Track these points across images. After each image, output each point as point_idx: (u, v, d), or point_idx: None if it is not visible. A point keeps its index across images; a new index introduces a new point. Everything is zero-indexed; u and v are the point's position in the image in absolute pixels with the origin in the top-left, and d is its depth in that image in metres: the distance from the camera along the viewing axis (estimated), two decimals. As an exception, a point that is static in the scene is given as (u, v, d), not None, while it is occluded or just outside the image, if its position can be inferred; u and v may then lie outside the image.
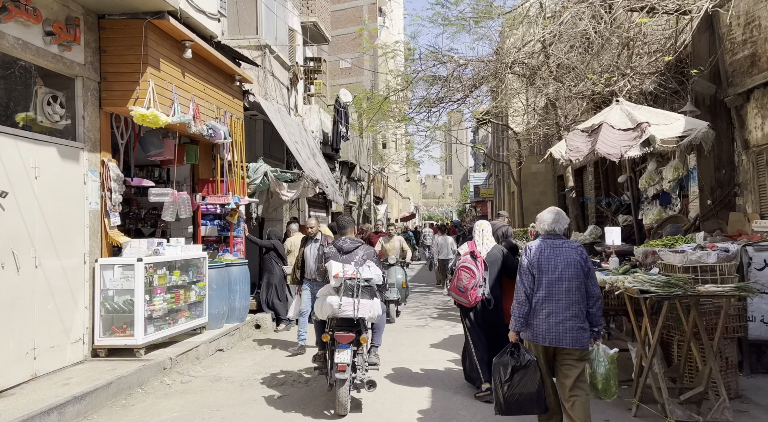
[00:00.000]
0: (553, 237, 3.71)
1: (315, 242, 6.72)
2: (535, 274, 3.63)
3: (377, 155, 27.03)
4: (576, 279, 3.57)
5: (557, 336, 3.52)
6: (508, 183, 23.55)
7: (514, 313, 3.67)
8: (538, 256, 3.64)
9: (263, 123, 9.55)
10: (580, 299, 3.57)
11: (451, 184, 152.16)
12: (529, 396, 3.56)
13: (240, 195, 8.14)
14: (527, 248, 3.77)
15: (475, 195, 47.57)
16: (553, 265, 3.60)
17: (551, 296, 3.57)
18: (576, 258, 3.60)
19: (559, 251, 3.63)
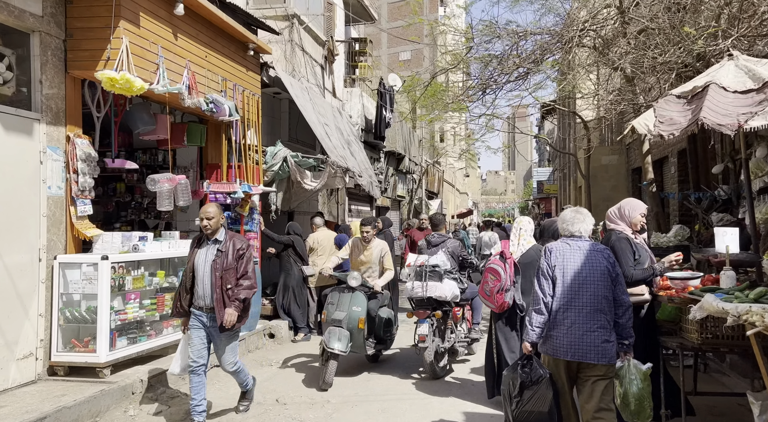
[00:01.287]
0: (577, 239, 3.39)
1: None
2: (556, 279, 3.30)
3: (433, 149, 25.53)
4: (603, 286, 3.25)
5: (580, 350, 3.19)
6: (575, 177, 21.48)
7: (530, 322, 3.34)
8: (561, 259, 3.32)
9: (289, 103, 8.39)
10: (606, 308, 3.25)
11: (514, 180, 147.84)
12: (539, 417, 3.25)
13: (254, 183, 7.02)
14: (546, 249, 3.44)
15: (539, 192, 45.11)
16: (576, 269, 3.28)
17: (574, 304, 3.24)
18: (602, 263, 3.29)
19: (584, 255, 3.31)
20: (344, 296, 5.55)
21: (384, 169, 15.52)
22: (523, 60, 9.50)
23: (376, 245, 6.04)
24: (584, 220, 3.45)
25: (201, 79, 5.99)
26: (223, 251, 4.11)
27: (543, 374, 3.27)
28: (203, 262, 4.15)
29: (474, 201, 60.96)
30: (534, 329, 3.31)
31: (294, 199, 8.10)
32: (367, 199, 15.22)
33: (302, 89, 8.49)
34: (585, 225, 3.44)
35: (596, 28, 9.19)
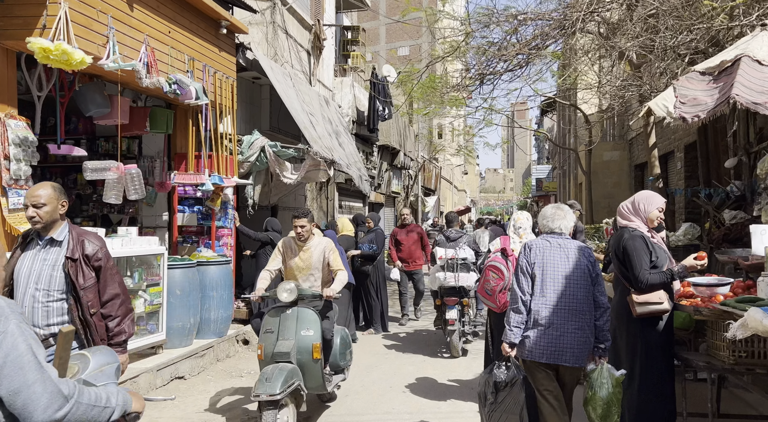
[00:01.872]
0: (557, 236, 3.28)
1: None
2: (535, 277, 3.19)
3: (430, 144, 24.88)
4: (582, 286, 3.14)
5: (557, 351, 3.09)
6: (575, 174, 20.87)
7: (508, 322, 3.23)
8: (540, 256, 3.21)
9: (270, 90, 7.75)
10: (586, 309, 3.13)
11: (512, 178, 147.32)
12: (511, 421, 3.16)
13: (227, 175, 6.39)
14: (526, 246, 3.33)
15: (538, 189, 44.53)
16: (556, 267, 3.18)
17: (554, 304, 3.13)
18: (583, 261, 3.18)
19: (564, 252, 3.20)
20: (287, 317, 4.03)
21: (378, 164, 14.89)
22: (523, 45, 8.88)
23: (316, 244, 4.43)
24: (565, 216, 3.31)
25: (163, 57, 5.36)
26: (74, 258, 2.71)
27: (517, 375, 3.18)
28: (26, 273, 2.69)
29: (472, 199, 60.35)
30: (512, 329, 3.18)
31: (273, 193, 7.47)
32: (359, 195, 14.59)
33: (285, 75, 7.85)
34: (566, 222, 3.30)
35: (600, 11, 8.55)
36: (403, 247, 8.11)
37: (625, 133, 17.12)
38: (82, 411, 1.49)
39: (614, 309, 3.32)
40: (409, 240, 8.11)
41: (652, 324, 3.14)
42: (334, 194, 12.28)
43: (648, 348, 3.16)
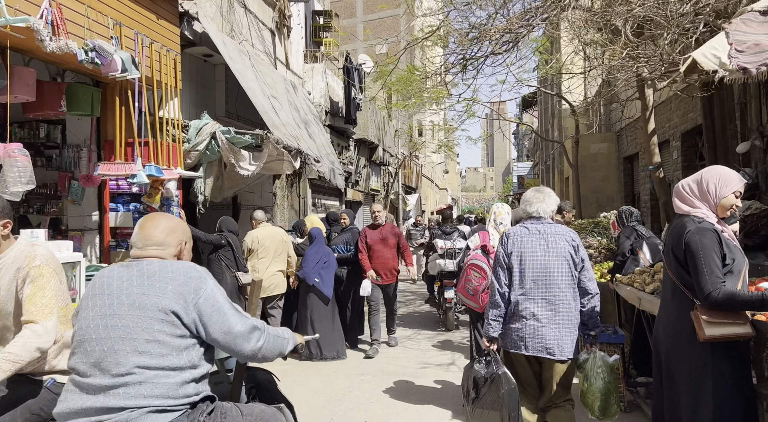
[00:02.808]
0: (536, 221, 3.10)
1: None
2: (513, 267, 3.04)
3: (410, 141, 23.97)
4: (566, 273, 2.97)
5: (541, 344, 2.94)
6: (560, 169, 20.17)
7: (487, 315, 3.11)
8: (518, 245, 3.04)
9: (226, 70, 6.73)
10: (571, 298, 2.97)
11: (492, 176, 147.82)
12: (493, 417, 2.96)
13: (168, 165, 5.36)
14: (503, 235, 3.14)
15: (519, 186, 44.01)
16: (534, 255, 3.01)
17: (534, 294, 2.98)
18: (565, 248, 3.00)
19: (544, 239, 3.03)
20: None
21: (354, 159, 13.93)
22: (513, 20, 7.99)
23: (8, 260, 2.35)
24: (544, 199, 3.14)
25: (77, 17, 4.32)
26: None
27: (498, 371, 3.01)
28: None
29: (453, 197, 59.70)
30: (490, 322, 3.08)
31: (228, 187, 6.45)
32: (335, 192, 13.59)
33: (242, 53, 6.83)
34: (544, 205, 3.13)
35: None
36: (376, 254, 6.31)
37: (613, 124, 16.42)
38: (271, 340, 1.99)
39: (669, 325, 2.42)
40: (383, 245, 6.37)
41: (728, 351, 2.22)
42: (307, 191, 11.28)
43: (719, 382, 2.25)
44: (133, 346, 1.74)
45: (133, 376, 1.72)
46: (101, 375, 1.73)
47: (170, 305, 1.80)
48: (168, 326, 1.78)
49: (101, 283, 1.88)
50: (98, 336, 1.77)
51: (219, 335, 1.85)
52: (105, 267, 2.33)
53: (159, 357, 1.75)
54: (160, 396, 1.72)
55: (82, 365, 1.77)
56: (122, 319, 1.77)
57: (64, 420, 1.74)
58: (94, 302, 1.84)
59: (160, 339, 1.77)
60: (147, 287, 1.82)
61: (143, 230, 1.98)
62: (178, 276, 1.86)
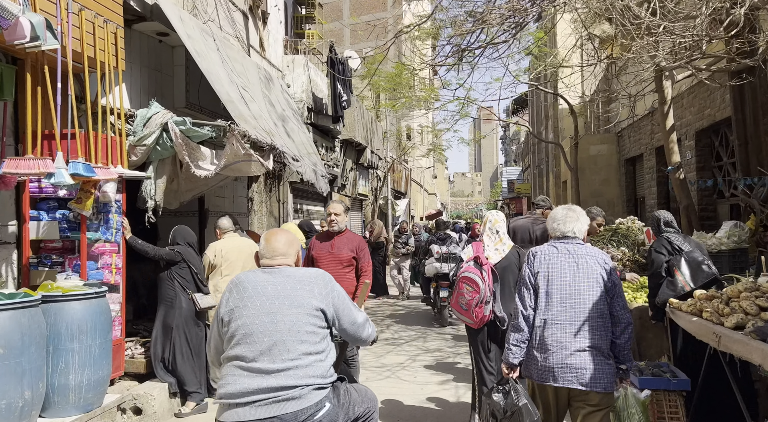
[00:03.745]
0: (566, 240, 2.92)
1: None
2: (539, 288, 2.83)
3: (400, 146, 22.99)
4: (597, 297, 2.75)
5: (568, 374, 2.70)
6: (555, 172, 19.32)
7: (509, 340, 2.89)
8: (546, 264, 2.85)
9: (186, 53, 5.67)
10: (601, 324, 2.74)
11: (480, 182, 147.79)
12: None
13: (106, 163, 4.31)
14: (530, 253, 2.96)
15: (509, 191, 43.27)
16: (563, 276, 2.80)
17: (562, 318, 2.75)
18: (597, 270, 2.80)
19: (573, 259, 2.83)
20: None
21: (340, 161, 12.91)
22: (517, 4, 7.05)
23: None
24: (578, 219, 2.97)
25: (-34, -35, 3.27)
26: None
27: (521, 402, 2.73)
28: None
29: (442, 202, 58.89)
30: (511, 348, 2.85)
31: (185, 191, 5.40)
32: (319, 197, 12.56)
33: (205, 33, 5.81)
34: (579, 225, 2.95)
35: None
36: None
37: (613, 125, 15.60)
38: (372, 328, 2.50)
39: None
40: (333, 263, 4.43)
41: None
42: (288, 196, 10.24)
43: None
44: (298, 337, 2.16)
45: (301, 361, 2.15)
46: (271, 361, 2.12)
47: (318, 304, 2.24)
48: (318, 320, 2.23)
49: (253, 287, 2.25)
50: (265, 330, 2.16)
51: (348, 325, 2.35)
52: (242, 273, 2.43)
53: (314, 344, 2.19)
54: (319, 376, 2.16)
55: (249, 353, 2.15)
56: (285, 316, 2.18)
57: (238, 398, 2.09)
58: (252, 302, 2.21)
59: (314, 331, 2.21)
60: (299, 290, 2.24)
61: (269, 243, 2.39)
62: (318, 281, 2.30)
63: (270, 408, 2.07)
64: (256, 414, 2.07)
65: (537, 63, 14.61)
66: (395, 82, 16.23)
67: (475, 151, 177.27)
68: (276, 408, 2.08)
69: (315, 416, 2.12)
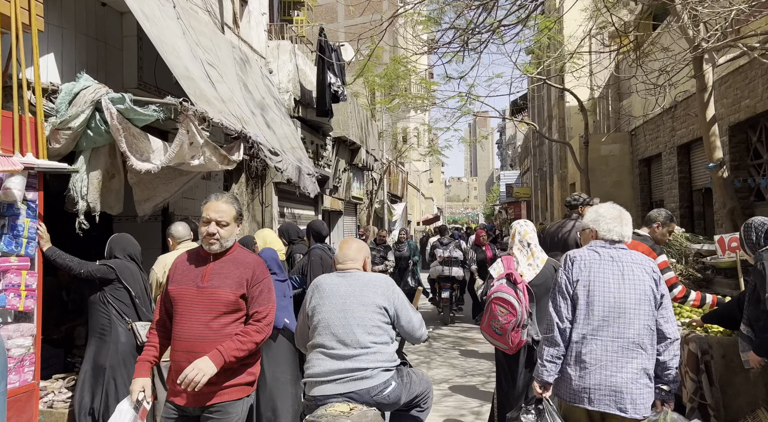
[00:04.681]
0: (609, 245, 2.63)
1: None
2: (578, 299, 2.53)
3: (396, 148, 21.91)
4: (643, 311, 2.46)
5: (607, 396, 2.42)
6: (562, 174, 18.28)
7: (540, 355, 2.60)
8: (586, 272, 2.55)
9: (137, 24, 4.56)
10: (647, 342, 2.46)
11: (476, 186, 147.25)
12: None
13: (6, 149, 3.21)
14: (568, 258, 2.64)
15: (508, 195, 42.27)
16: (607, 287, 2.51)
17: (603, 334, 2.46)
18: (644, 280, 2.51)
19: (618, 268, 2.55)
20: None
21: (332, 160, 11.83)
22: None
23: None
24: (628, 222, 2.69)
25: None
26: None
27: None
28: None
29: (439, 207, 57.88)
30: (545, 364, 2.57)
31: (143, 200, 4.29)
32: (309, 200, 11.46)
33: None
34: (628, 229, 2.67)
35: None
36: (180, 327, 2.56)
37: (625, 122, 14.58)
38: (424, 329, 2.87)
39: None
40: (202, 303, 2.55)
41: None
42: (273, 199, 9.14)
43: None
44: (365, 330, 2.65)
45: (370, 348, 2.62)
46: (345, 348, 2.62)
47: (382, 303, 2.72)
48: (382, 316, 2.70)
49: (330, 288, 2.76)
50: (339, 323, 2.65)
51: (405, 323, 2.78)
52: (321, 276, 2.89)
53: (379, 336, 2.67)
54: (385, 360, 2.65)
55: (328, 342, 2.65)
56: (355, 312, 2.66)
57: (322, 377, 2.62)
58: (329, 301, 2.71)
59: (379, 325, 2.68)
60: (366, 291, 2.73)
61: (342, 250, 2.89)
62: (382, 284, 2.78)
63: (347, 385, 2.56)
64: (337, 390, 2.56)
65: (543, 55, 13.62)
66: (391, 77, 15.20)
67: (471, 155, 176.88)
68: (352, 385, 2.56)
69: (383, 392, 2.60)
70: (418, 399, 2.83)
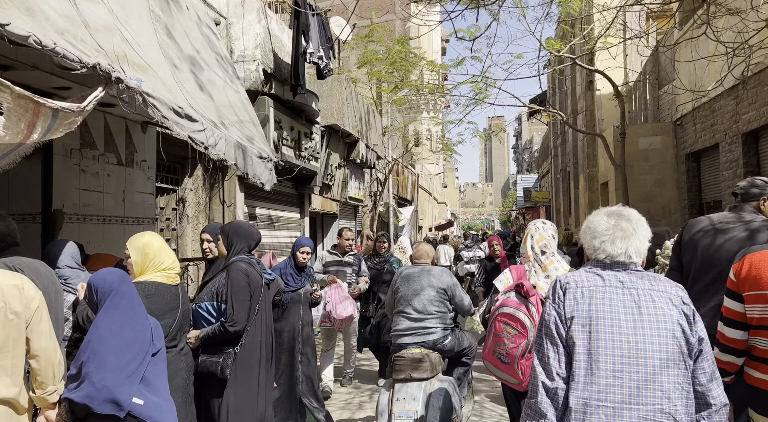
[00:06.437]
0: (618, 268, 1.83)
1: None
2: (576, 344, 1.73)
3: (405, 144, 19.97)
4: (676, 362, 1.69)
5: None
6: (589, 174, 16.19)
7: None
8: (586, 305, 1.77)
9: None
10: (682, 411, 1.66)
11: (491, 192, 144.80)
12: None
13: None
14: (557, 286, 1.85)
15: (526, 199, 40.14)
16: (619, 327, 1.73)
17: (614, 397, 1.67)
18: (672, 315, 1.73)
19: (632, 298, 1.76)
20: None
21: (321, 153, 9.94)
22: None
23: None
24: (635, 231, 1.85)
25: None
26: None
27: None
28: None
29: (453, 213, 55.79)
30: None
31: None
32: (292, 200, 9.57)
33: None
34: (636, 242, 1.83)
35: None
36: None
37: (667, 112, 12.49)
38: (470, 305, 4.19)
39: None
40: None
41: None
42: (236, 196, 7.26)
43: None
44: (431, 303, 3.93)
45: (434, 315, 3.88)
46: (419, 314, 3.88)
47: (443, 287, 3.98)
48: (442, 294, 3.94)
49: (407, 273, 4.12)
50: (413, 299, 3.97)
51: (458, 301, 4.03)
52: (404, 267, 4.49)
53: (440, 307, 3.94)
54: (444, 323, 3.93)
55: (407, 309, 3.94)
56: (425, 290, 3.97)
57: (403, 332, 3.89)
58: (407, 283, 4.06)
59: (440, 300, 3.93)
60: (431, 277, 4.03)
61: (417, 250, 4.32)
62: (443, 273, 4.08)
63: (419, 337, 3.82)
64: (413, 340, 3.82)
65: (571, 31, 11.64)
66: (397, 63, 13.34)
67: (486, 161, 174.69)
68: (422, 337, 3.82)
69: (443, 343, 3.85)
70: (465, 350, 4.10)
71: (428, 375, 3.63)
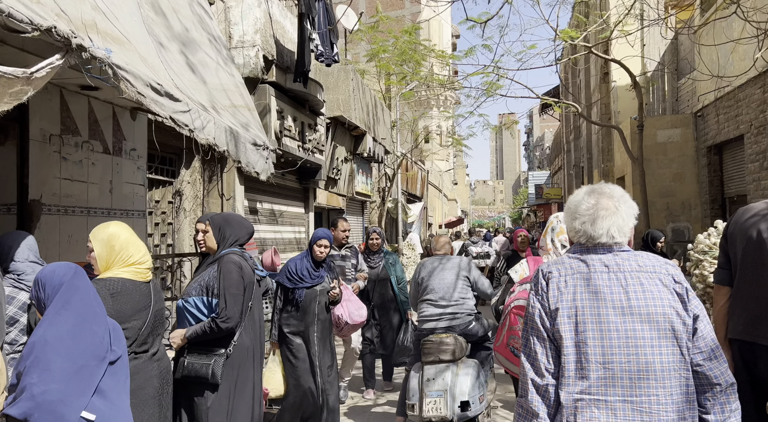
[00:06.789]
0: (603, 250, 1.69)
1: None
2: (563, 337, 1.61)
3: (416, 144, 19.55)
4: (671, 349, 1.56)
5: None
6: (604, 169, 15.70)
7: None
8: (570, 295, 1.63)
9: None
10: (681, 399, 1.55)
11: (503, 190, 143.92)
12: None
13: None
14: (541, 274, 1.72)
15: (537, 196, 39.54)
16: (607, 316, 1.60)
17: (607, 391, 1.56)
18: (664, 296, 1.60)
19: (620, 282, 1.63)
20: None
21: (326, 146, 9.59)
22: None
23: None
24: (617, 209, 1.69)
25: None
26: None
27: None
28: None
29: (463, 210, 55.24)
30: None
31: None
32: (296, 194, 9.24)
33: None
34: (618, 219, 1.69)
35: None
36: None
37: (686, 104, 11.99)
38: (492, 291, 4.39)
39: None
40: None
41: None
42: (236, 189, 6.94)
43: None
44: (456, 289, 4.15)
45: (459, 301, 4.06)
46: (445, 301, 4.06)
47: (465, 274, 4.21)
48: (466, 282, 4.16)
49: (430, 264, 4.31)
50: (436, 287, 4.15)
51: (480, 286, 4.26)
52: (426, 259, 4.53)
53: (464, 294, 4.14)
54: (469, 308, 4.10)
55: (434, 297, 4.10)
56: (448, 278, 4.18)
57: (429, 318, 4.07)
58: (432, 273, 4.26)
59: (464, 287, 4.15)
60: (453, 266, 4.24)
61: (437, 242, 4.52)
62: (463, 262, 4.29)
63: (446, 323, 4.02)
64: (439, 325, 4.01)
65: (586, 21, 11.18)
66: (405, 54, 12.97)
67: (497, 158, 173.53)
68: (448, 323, 4.02)
69: (468, 328, 4.04)
70: (489, 335, 4.26)
71: (455, 357, 3.83)
